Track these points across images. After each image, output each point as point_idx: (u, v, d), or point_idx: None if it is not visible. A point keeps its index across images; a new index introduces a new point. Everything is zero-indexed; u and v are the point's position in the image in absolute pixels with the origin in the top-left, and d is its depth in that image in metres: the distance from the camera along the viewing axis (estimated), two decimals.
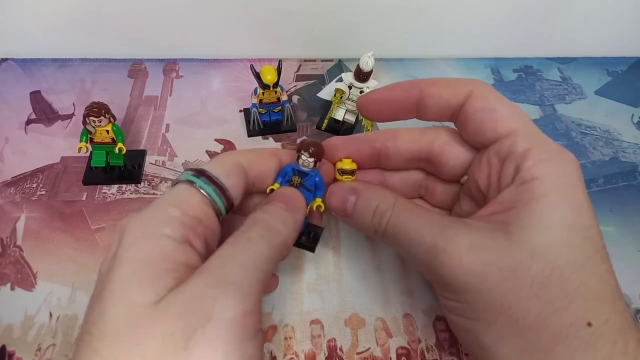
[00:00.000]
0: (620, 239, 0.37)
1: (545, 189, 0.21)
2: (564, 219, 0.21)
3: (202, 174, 0.24)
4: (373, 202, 0.26)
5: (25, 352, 0.30)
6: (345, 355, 0.31)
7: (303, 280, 0.34)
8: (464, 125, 0.25)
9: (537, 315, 0.20)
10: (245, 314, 0.19)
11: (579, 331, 0.19)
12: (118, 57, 0.49)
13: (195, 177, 0.23)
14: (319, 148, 0.27)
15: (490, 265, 0.21)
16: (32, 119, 0.43)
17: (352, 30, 0.49)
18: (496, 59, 0.53)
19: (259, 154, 0.27)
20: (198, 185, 0.23)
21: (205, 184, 0.23)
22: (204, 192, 0.23)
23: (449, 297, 0.23)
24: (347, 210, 0.27)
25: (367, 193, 0.27)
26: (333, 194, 0.28)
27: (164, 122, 0.44)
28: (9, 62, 0.48)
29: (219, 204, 0.23)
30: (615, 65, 0.53)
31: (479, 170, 0.25)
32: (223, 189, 0.24)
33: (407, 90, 0.26)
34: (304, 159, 0.27)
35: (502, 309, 0.20)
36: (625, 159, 0.44)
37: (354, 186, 0.28)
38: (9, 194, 0.38)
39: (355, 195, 0.27)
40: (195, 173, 0.24)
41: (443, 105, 0.25)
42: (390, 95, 0.27)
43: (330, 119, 0.43)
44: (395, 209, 0.25)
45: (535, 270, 0.20)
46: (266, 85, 0.38)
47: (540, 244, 0.20)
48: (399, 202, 0.25)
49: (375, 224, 0.26)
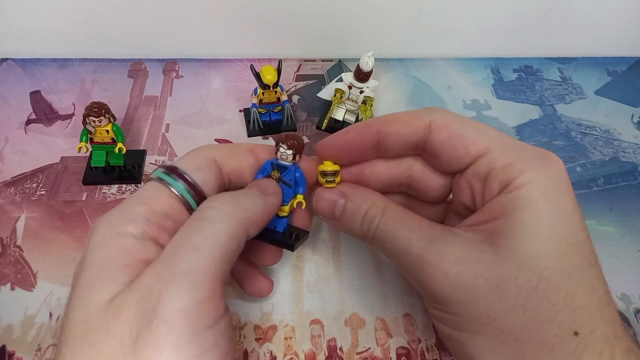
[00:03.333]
0: (620, 239, 0.37)
1: (531, 196, 0.21)
2: (550, 227, 0.20)
3: (172, 170, 0.24)
4: (363, 206, 0.25)
5: (25, 352, 0.30)
6: (345, 355, 0.31)
7: (303, 280, 0.34)
8: (434, 156, 0.25)
9: (523, 326, 0.20)
10: (197, 304, 0.18)
11: (564, 342, 0.19)
12: (118, 57, 0.49)
13: (164, 174, 0.23)
14: (298, 140, 0.26)
15: (477, 278, 0.20)
16: (32, 119, 0.43)
17: (352, 30, 0.49)
18: (496, 59, 0.53)
19: (235, 149, 0.27)
20: (167, 182, 0.23)
21: (174, 181, 0.23)
22: (173, 188, 0.23)
23: (436, 307, 0.23)
24: (336, 214, 0.27)
25: (357, 197, 0.26)
26: (321, 198, 0.27)
27: (164, 122, 0.44)
28: (9, 62, 0.48)
29: (189, 200, 0.23)
30: (615, 65, 0.53)
31: (461, 192, 0.25)
32: (193, 184, 0.24)
33: (361, 133, 0.25)
34: (282, 152, 0.26)
35: (488, 321, 0.20)
36: (625, 159, 0.44)
37: (342, 189, 0.27)
38: (9, 194, 0.38)
39: (344, 198, 0.26)
40: (165, 170, 0.24)
41: (403, 143, 0.25)
42: (345, 140, 0.26)
43: (330, 119, 0.43)
44: (384, 215, 0.24)
45: (522, 282, 0.20)
46: (266, 85, 0.38)
47: (527, 254, 0.20)
48: (388, 207, 0.25)
49: (365, 229, 0.25)
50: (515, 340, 0.20)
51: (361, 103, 0.41)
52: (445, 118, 0.24)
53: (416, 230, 0.23)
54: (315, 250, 0.36)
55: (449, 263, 0.21)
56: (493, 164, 0.22)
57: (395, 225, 0.24)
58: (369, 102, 0.40)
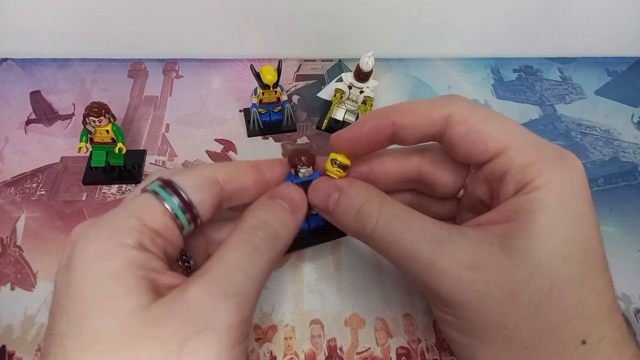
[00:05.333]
0: (620, 239, 0.37)
1: (547, 199, 0.20)
2: (565, 232, 0.20)
3: (169, 185, 0.22)
4: (356, 201, 0.24)
5: (25, 352, 0.30)
6: (345, 355, 0.31)
7: (303, 280, 0.34)
8: (450, 149, 0.24)
9: (534, 334, 0.19)
10: (240, 323, 0.20)
11: (575, 349, 0.19)
12: (118, 57, 0.49)
13: (161, 188, 0.22)
14: (308, 153, 0.26)
15: (489, 283, 0.20)
16: (32, 119, 0.43)
17: (352, 30, 0.49)
18: (496, 59, 0.53)
19: (238, 167, 0.26)
20: (162, 197, 0.22)
21: (169, 197, 0.22)
22: (167, 205, 0.22)
23: (444, 310, 0.22)
24: (329, 208, 0.25)
25: (351, 191, 0.25)
26: (316, 190, 0.26)
27: (164, 122, 0.44)
28: (9, 62, 0.48)
29: (181, 219, 0.22)
30: (615, 65, 0.53)
31: (477, 187, 0.24)
32: (189, 204, 0.23)
33: (377, 125, 0.25)
34: (304, 171, 0.26)
35: (499, 329, 0.20)
36: (625, 159, 0.44)
37: (338, 183, 0.26)
38: (9, 194, 0.38)
39: (338, 192, 0.25)
40: (162, 184, 0.22)
41: (420, 135, 0.24)
42: (360, 132, 0.25)
43: (330, 119, 0.43)
44: (383, 214, 0.23)
45: (534, 288, 0.19)
46: (266, 85, 0.38)
47: (540, 259, 0.20)
48: (386, 205, 0.24)
49: (358, 227, 0.24)
50: (524, 348, 0.20)
51: (361, 103, 0.41)
52: (465, 110, 0.23)
53: (423, 232, 0.22)
54: (315, 250, 0.35)
55: (461, 268, 0.20)
56: (511, 164, 0.21)
57: (399, 227, 0.23)
58: (369, 102, 0.40)
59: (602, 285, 0.20)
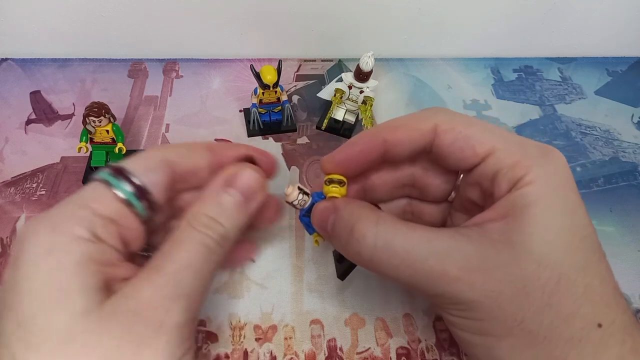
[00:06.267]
0: (620, 239, 0.37)
1: (540, 192, 0.21)
2: (561, 222, 0.20)
3: (119, 171, 0.22)
4: (350, 222, 0.23)
5: None
6: (345, 355, 0.31)
7: (303, 280, 0.34)
8: (441, 158, 0.24)
9: (550, 324, 0.20)
10: (188, 321, 0.21)
11: (590, 334, 0.19)
12: (118, 57, 0.49)
13: (110, 175, 0.22)
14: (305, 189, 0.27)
15: (502, 281, 0.20)
16: (32, 119, 0.43)
17: (352, 30, 0.49)
18: (496, 59, 0.53)
19: (192, 147, 0.26)
20: (111, 184, 0.22)
21: (118, 183, 0.22)
22: (118, 191, 0.22)
23: (455, 314, 0.22)
24: (328, 230, 0.25)
25: (344, 212, 0.24)
26: (314, 213, 0.26)
27: (164, 122, 0.44)
28: (9, 62, 0.48)
29: (134, 204, 0.22)
30: (615, 65, 0.53)
31: (469, 190, 0.25)
32: (141, 188, 0.22)
33: (368, 146, 0.25)
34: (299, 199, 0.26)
35: (515, 323, 0.20)
36: (625, 159, 0.44)
37: (335, 203, 0.25)
38: (9, 194, 0.38)
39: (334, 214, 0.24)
40: (111, 171, 0.22)
41: (410, 149, 0.25)
42: (352, 154, 0.25)
43: (330, 119, 0.43)
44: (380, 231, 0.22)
45: (544, 279, 0.20)
46: (266, 85, 0.38)
47: (544, 251, 0.20)
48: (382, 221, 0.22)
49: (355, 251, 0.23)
50: (543, 339, 0.20)
51: (361, 103, 0.41)
52: (450, 119, 0.24)
53: (429, 245, 0.21)
54: (315, 250, 0.35)
55: (474, 273, 0.20)
56: (500, 164, 0.22)
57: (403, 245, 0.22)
58: (369, 102, 0.40)
59: (604, 271, 0.21)
